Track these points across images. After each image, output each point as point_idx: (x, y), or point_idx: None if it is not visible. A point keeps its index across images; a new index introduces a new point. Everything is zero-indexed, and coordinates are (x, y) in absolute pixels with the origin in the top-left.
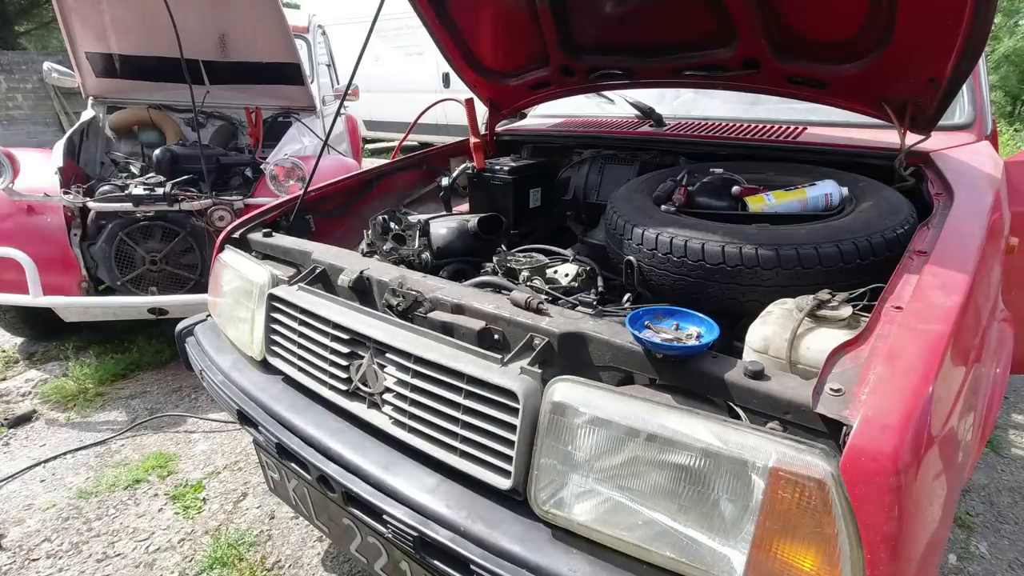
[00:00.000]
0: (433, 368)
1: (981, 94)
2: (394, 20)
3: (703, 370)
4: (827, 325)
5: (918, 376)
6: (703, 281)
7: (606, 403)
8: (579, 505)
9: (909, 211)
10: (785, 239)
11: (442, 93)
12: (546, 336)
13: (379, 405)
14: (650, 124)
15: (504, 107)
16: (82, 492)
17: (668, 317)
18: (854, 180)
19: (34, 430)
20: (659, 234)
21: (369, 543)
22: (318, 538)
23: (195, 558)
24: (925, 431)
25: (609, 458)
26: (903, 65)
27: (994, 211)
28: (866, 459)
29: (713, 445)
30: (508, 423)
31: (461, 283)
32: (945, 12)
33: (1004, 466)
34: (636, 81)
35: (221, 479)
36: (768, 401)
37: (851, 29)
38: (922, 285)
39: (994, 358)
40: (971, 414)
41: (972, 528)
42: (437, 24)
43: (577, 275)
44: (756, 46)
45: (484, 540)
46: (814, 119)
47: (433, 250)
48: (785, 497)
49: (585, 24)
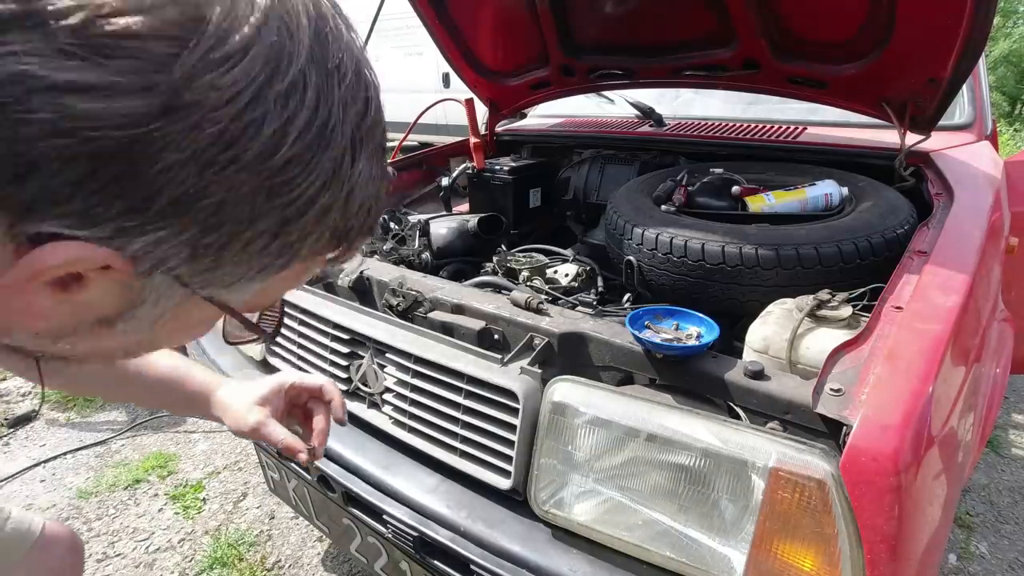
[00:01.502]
0: (433, 368)
1: (981, 94)
2: (394, 20)
3: (703, 370)
4: (827, 325)
5: (918, 376)
6: (703, 281)
7: (606, 403)
8: (579, 505)
9: (909, 211)
10: (785, 239)
11: (442, 93)
12: (546, 336)
13: (379, 405)
14: (650, 124)
15: (504, 107)
16: (82, 492)
17: (668, 317)
18: (854, 180)
19: (34, 430)
20: (659, 234)
21: (369, 543)
22: (318, 538)
23: (195, 558)
24: (925, 431)
25: (609, 458)
26: (903, 65)
27: (994, 211)
28: (866, 459)
29: (713, 445)
30: (508, 423)
31: (461, 283)
32: (945, 12)
33: (1004, 466)
34: (636, 81)
35: (221, 479)
36: (768, 401)
37: (851, 29)
38: (922, 285)
39: (994, 358)
40: (971, 414)
41: (972, 528)
42: (437, 24)
43: (577, 275)
44: (756, 46)
45: (484, 540)
46: (814, 119)
47: (433, 250)
48: (785, 497)
49: (585, 24)
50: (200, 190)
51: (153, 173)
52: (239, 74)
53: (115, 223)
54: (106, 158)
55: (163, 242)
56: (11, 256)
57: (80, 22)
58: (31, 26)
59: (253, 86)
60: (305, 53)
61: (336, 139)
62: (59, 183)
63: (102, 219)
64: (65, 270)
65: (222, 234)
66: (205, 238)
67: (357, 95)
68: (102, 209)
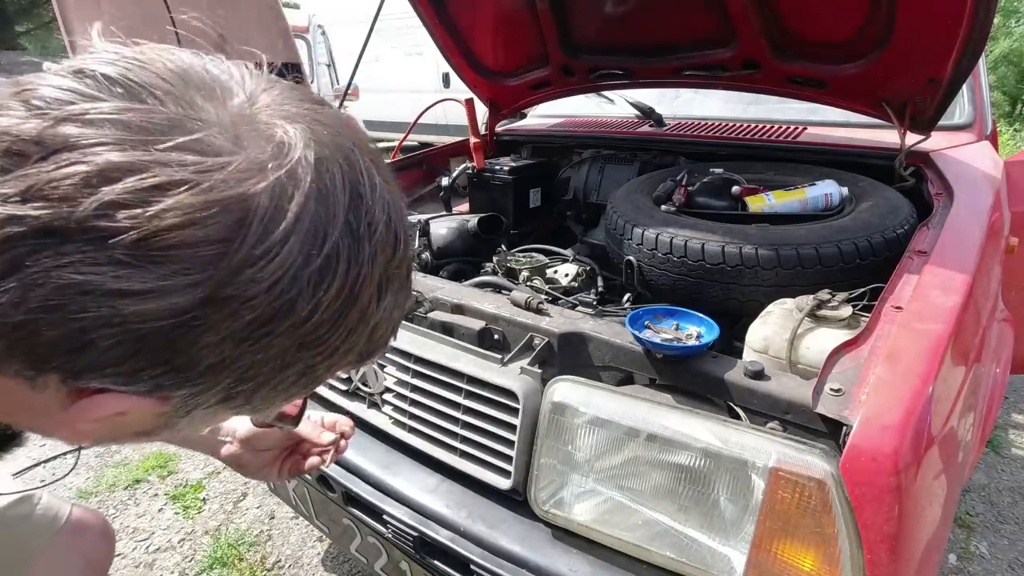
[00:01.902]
0: (433, 368)
1: (981, 94)
2: (394, 20)
3: (703, 370)
4: (827, 325)
5: (918, 376)
6: (703, 281)
7: (606, 403)
8: (579, 505)
9: (909, 211)
10: (785, 239)
11: (442, 93)
12: (546, 336)
13: (379, 405)
14: (650, 124)
15: (504, 107)
16: (82, 492)
17: (668, 317)
18: (854, 180)
19: None
20: (659, 234)
21: (369, 543)
22: (318, 538)
23: (195, 558)
24: (925, 431)
25: (609, 458)
26: (903, 65)
27: (994, 211)
28: (866, 459)
29: (713, 445)
30: (508, 423)
31: (461, 283)
32: (945, 13)
33: (1004, 466)
34: (636, 81)
35: (221, 479)
36: (768, 401)
37: (851, 29)
38: (922, 285)
39: (994, 358)
40: (971, 414)
41: (972, 528)
42: (437, 24)
43: (577, 275)
44: (756, 46)
45: (484, 540)
46: (814, 119)
47: (433, 250)
48: (785, 497)
49: (585, 24)
50: (236, 358)
51: (193, 351)
52: (276, 265)
53: (156, 381)
54: (150, 342)
55: (200, 394)
56: (64, 399)
57: (136, 239)
58: (89, 239)
59: (290, 273)
60: (340, 226)
61: (364, 292)
62: (108, 358)
63: (144, 379)
64: (112, 413)
65: (253, 384)
66: (238, 387)
67: (386, 242)
68: (146, 373)
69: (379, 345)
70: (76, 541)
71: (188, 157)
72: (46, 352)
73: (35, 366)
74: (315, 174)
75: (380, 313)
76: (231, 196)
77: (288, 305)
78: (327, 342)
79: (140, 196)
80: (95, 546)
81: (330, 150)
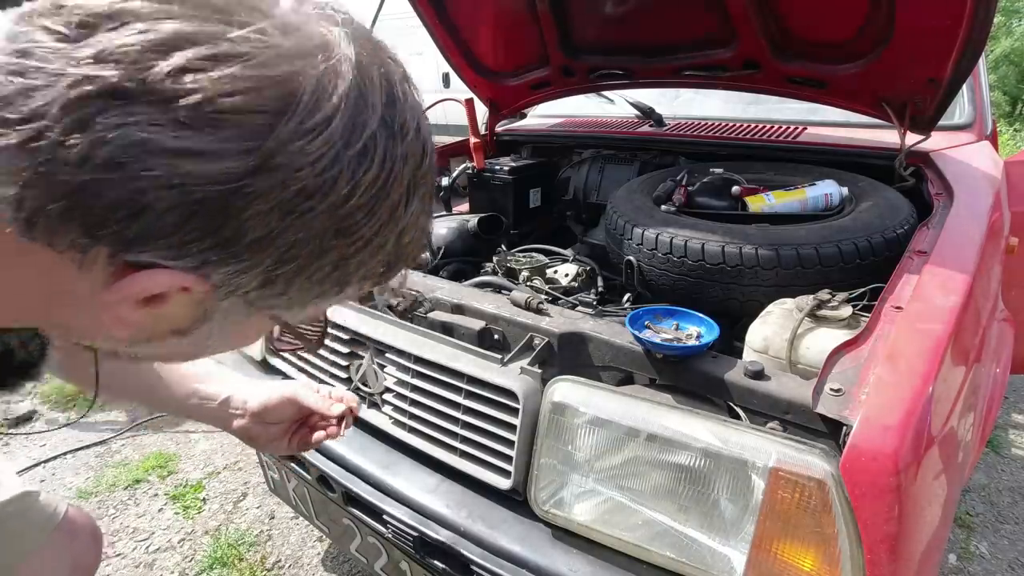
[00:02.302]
0: (433, 368)
1: (981, 94)
2: (394, 20)
3: (703, 370)
4: (827, 325)
5: (918, 376)
6: (703, 281)
7: (606, 403)
8: (579, 505)
9: (909, 211)
10: (785, 239)
11: (442, 93)
12: (546, 336)
13: (379, 405)
14: (650, 124)
15: (504, 107)
16: (82, 492)
17: (668, 317)
18: (854, 180)
19: (34, 430)
20: (659, 234)
21: (369, 543)
22: (318, 538)
23: (195, 558)
24: (925, 431)
25: (609, 458)
26: (903, 65)
27: (994, 211)
28: (866, 459)
29: (713, 445)
30: (508, 423)
31: (461, 283)
32: (945, 13)
33: (1004, 466)
34: (636, 81)
35: (221, 479)
36: (768, 401)
37: (851, 29)
38: (922, 285)
39: (994, 358)
40: (971, 414)
41: (972, 528)
42: (437, 24)
43: (577, 275)
44: (756, 46)
45: (484, 540)
46: (814, 119)
47: (433, 250)
48: (785, 497)
49: (585, 24)
50: (280, 232)
51: (242, 219)
52: (321, 142)
53: (203, 256)
54: (204, 207)
55: (242, 272)
56: (109, 278)
57: (197, 102)
58: (154, 100)
59: (333, 151)
60: (377, 120)
61: (395, 189)
62: (162, 224)
63: (192, 252)
64: (157, 291)
65: (292, 267)
66: (278, 269)
67: (416, 149)
68: (194, 245)
69: (406, 253)
70: (67, 542)
71: (246, 33)
72: (103, 215)
73: (90, 232)
74: (356, 70)
75: (407, 217)
76: (283, 73)
77: (330, 182)
78: (359, 232)
79: (201, 64)
80: (85, 549)
81: (368, 56)
